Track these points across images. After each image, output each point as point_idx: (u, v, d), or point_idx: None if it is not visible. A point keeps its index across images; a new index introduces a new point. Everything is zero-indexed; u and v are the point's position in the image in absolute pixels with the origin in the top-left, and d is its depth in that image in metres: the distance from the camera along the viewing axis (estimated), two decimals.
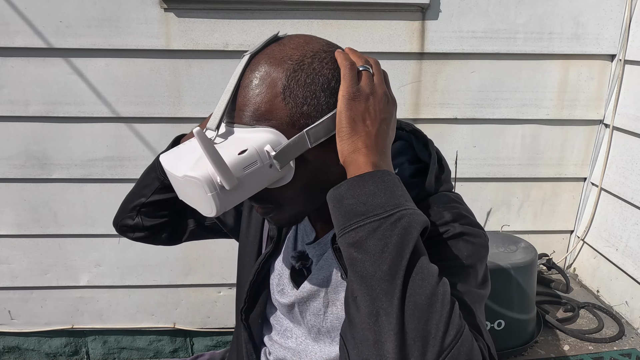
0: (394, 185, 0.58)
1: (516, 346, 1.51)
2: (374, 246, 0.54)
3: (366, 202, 0.56)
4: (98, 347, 2.06)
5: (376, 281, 0.53)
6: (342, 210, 0.57)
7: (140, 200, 0.92)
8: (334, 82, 0.65)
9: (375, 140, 0.62)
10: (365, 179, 0.58)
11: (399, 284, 0.52)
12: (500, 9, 1.65)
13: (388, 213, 0.55)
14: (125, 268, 1.91)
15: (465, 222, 0.69)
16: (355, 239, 0.55)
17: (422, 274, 0.53)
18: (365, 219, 0.55)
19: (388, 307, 0.52)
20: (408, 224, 0.55)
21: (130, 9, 1.57)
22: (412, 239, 0.54)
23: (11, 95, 1.65)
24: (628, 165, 1.71)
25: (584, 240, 1.94)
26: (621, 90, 1.74)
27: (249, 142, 0.61)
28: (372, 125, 0.62)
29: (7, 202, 1.78)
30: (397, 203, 0.57)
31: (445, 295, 0.53)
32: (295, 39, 0.67)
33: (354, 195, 0.57)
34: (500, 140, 1.83)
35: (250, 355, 0.93)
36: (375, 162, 0.60)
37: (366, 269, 0.54)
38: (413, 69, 1.71)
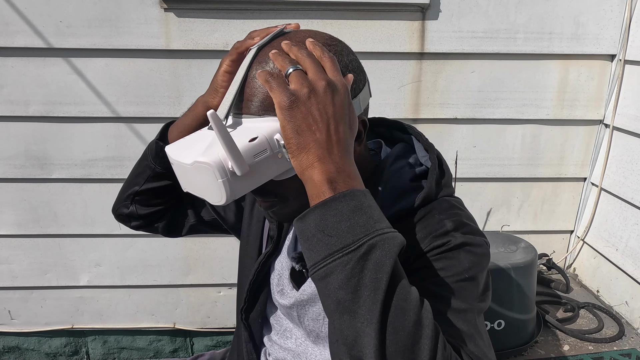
0: (358, 208, 0.53)
1: (516, 346, 1.51)
2: (346, 283, 0.50)
3: (332, 234, 0.52)
4: (98, 347, 2.06)
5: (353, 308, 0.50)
6: (309, 246, 0.54)
7: (134, 189, 0.91)
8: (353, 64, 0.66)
9: (327, 148, 0.56)
10: (327, 208, 0.53)
11: (376, 320, 0.49)
12: (500, 9, 1.65)
13: (356, 245, 0.51)
14: (125, 268, 1.91)
15: (467, 231, 0.68)
16: (325, 276, 0.52)
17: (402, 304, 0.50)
18: (333, 253, 0.51)
19: (367, 350, 0.49)
20: (381, 255, 0.51)
21: (130, 9, 1.57)
22: (386, 271, 0.50)
23: (11, 95, 1.65)
24: (628, 165, 1.71)
25: (584, 240, 1.94)
26: (621, 90, 1.74)
27: (260, 130, 0.60)
28: (320, 131, 0.56)
29: (7, 202, 1.78)
30: (365, 229, 0.52)
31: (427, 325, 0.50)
32: (299, 34, 0.67)
33: (318, 227, 0.53)
34: (500, 140, 1.83)
35: (251, 354, 0.93)
36: (332, 176, 0.55)
37: (340, 301, 0.51)
38: (413, 69, 1.71)
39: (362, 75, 0.70)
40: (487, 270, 0.69)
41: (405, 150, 0.79)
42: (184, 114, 0.84)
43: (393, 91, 1.73)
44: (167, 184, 0.90)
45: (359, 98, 0.68)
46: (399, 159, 0.77)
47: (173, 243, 1.88)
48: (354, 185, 0.56)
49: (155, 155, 0.87)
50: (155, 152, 0.87)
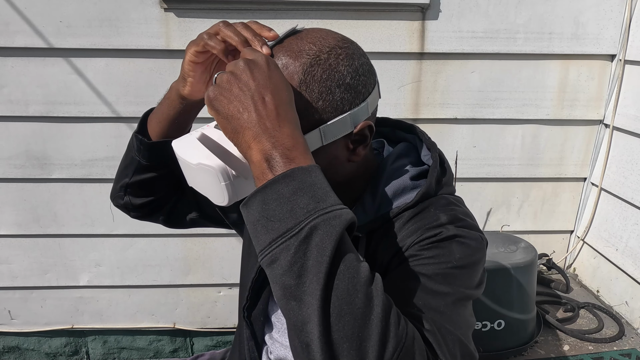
0: (299, 188, 0.51)
1: (516, 346, 1.51)
2: (290, 269, 0.49)
3: (274, 218, 0.51)
4: (98, 347, 2.06)
5: (298, 294, 0.49)
6: (254, 232, 0.53)
7: (125, 181, 0.90)
8: (349, 78, 0.65)
9: (259, 125, 0.54)
10: (267, 192, 0.52)
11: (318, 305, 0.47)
12: (500, 9, 1.65)
13: (297, 228, 0.49)
14: (125, 268, 1.91)
15: (461, 225, 0.67)
16: (272, 262, 0.50)
17: (347, 287, 0.48)
18: (277, 239, 0.50)
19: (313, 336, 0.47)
20: (322, 236, 0.49)
21: (130, 9, 1.57)
22: (328, 254, 0.48)
23: (11, 95, 1.65)
24: (628, 165, 1.71)
25: (584, 240, 1.94)
26: (621, 90, 1.74)
27: None
28: (247, 110, 0.55)
29: (7, 202, 1.78)
30: (307, 210, 0.50)
31: (377, 305, 0.48)
32: (312, 33, 0.67)
33: (261, 212, 0.52)
34: (500, 140, 1.83)
35: (252, 352, 0.92)
36: (268, 153, 0.53)
37: (286, 287, 0.49)
38: (413, 69, 1.71)
39: (372, 78, 0.70)
40: (482, 265, 0.68)
41: (407, 150, 0.79)
42: (161, 101, 0.81)
43: (393, 91, 1.72)
44: (156, 175, 0.88)
45: (367, 102, 0.68)
46: (401, 158, 0.77)
47: (173, 243, 1.88)
48: (296, 160, 0.53)
49: (138, 148, 0.84)
50: (137, 146, 0.84)
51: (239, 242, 1.93)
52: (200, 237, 1.88)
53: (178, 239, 1.88)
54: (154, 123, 0.83)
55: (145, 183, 0.89)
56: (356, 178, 0.76)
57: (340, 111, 0.65)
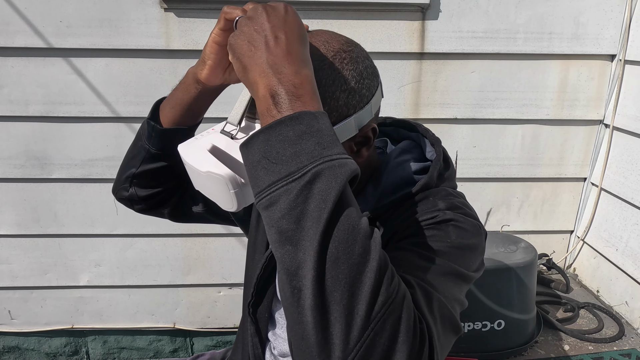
0: (306, 132, 0.50)
1: (516, 346, 1.51)
2: (289, 213, 0.48)
3: (277, 160, 0.49)
4: (98, 347, 2.06)
5: (295, 239, 0.48)
6: (254, 174, 0.51)
7: (131, 171, 0.88)
8: (354, 82, 0.65)
9: (268, 62, 0.53)
10: (271, 132, 0.50)
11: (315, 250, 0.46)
12: (500, 9, 1.65)
13: (301, 172, 0.48)
14: (125, 268, 1.91)
15: (459, 212, 0.68)
16: (269, 205, 0.49)
17: (346, 235, 0.48)
18: (277, 181, 0.49)
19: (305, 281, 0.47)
20: (326, 183, 0.48)
21: (130, 9, 1.57)
22: (331, 200, 0.47)
23: (11, 95, 1.65)
24: (628, 165, 1.71)
25: (584, 240, 1.94)
26: (621, 90, 1.74)
27: None
28: (258, 48, 0.54)
29: (7, 202, 1.78)
30: (312, 156, 0.49)
31: (373, 258, 0.48)
32: (317, 37, 0.67)
33: (262, 153, 0.50)
34: (500, 140, 1.83)
35: (256, 349, 0.93)
36: (274, 88, 0.52)
37: (283, 231, 0.48)
38: (413, 69, 1.71)
39: (375, 80, 0.71)
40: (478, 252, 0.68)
41: (411, 147, 0.80)
42: (176, 87, 0.81)
43: (393, 91, 1.72)
44: (164, 165, 0.87)
45: (370, 104, 0.69)
46: (404, 154, 0.78)
47: (173, 243, 1.88)
48: (302, 98, 0.52)
49: (149, 135, 0.83)
50: (148, 132, 0.83)
51: (239, 242, 1.94)
52: (200, 237, 1.88)
53: (178, 239, 1.88)
54: (167, 109, 0.82)
55: (154, 173, 0.88)
56: (363, 176, 0.76)
57: (344, 115, 0.66)
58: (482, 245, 0.70)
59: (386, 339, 0.47)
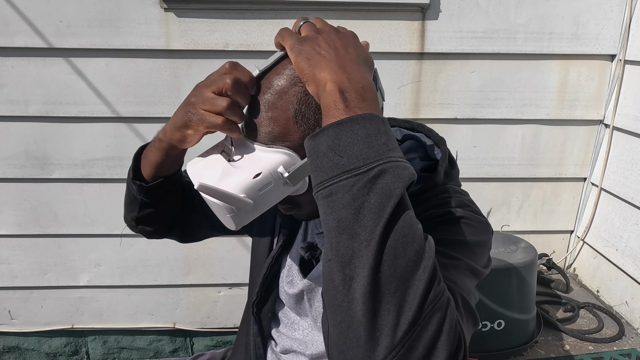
0: (376, 132, 0.52)
1: (516, 346, 1.51)
2: (350, 204, 0.49)
3: (343, 154, 0.51)
4: (98, 347, 2.06)
5: (353, 229, 0.49)
6: (318, 164, 0.52)
7: (133, 215, 0.89)
8: None
9: (338, 63, 0.56)
10: (342, 128, 0.52)
11: (375, 242, 0.48)
12: (500, 9, 1.65)
13: (367, 167, 0.50)
14: (125, 268, 1.91)
15: (469, 210, 0.70)
16: (330, 194, 0.51)
17: (406, 231, 0.49)
18: (341, 174, 0.50)
19: (360, 270, 0.48)
20: (390, 181, 0.50)
21: (130, 9, 1.57)
22: (395, 197, 0.49)
23: (11, 95, 1.65)
24: (628, 165, 1.71)
25: (584, 240, 1.94)
26: (621, 90, 1.74)
27: (264, 163, 0.62)
28: (329, 53, 0.57)
29: (7, 202, 1.78)
30: (378, 154, 0.51)
31: (428, 257, 0.50)
32: None
33: (330, 146, 0.52)
34: (500, 140, 1.83)
35: (258, 348, 0.94)
36: (343, 85, 0.54)
37: (342, 220, 0.50)
38: (413, 69, 1.71)
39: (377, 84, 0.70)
40: (487, 248, 0.70)
41: (415, 146, 0.81)
42: (150, 146, 0.78)
43: (393, 91, 1.72)
44: (160, 208, 0.88)
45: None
46: (410, 152, 0.79)
47: (173, 243, 1.87)
48: (368, 100, 0.54)
49: (138, 190, 0.83)
50: (136, 189, 0.83)
51: (239, 242, 1.94)
52: None
53: None
54: (147, 167, 0.81)
55: (154, 215, 0.90)
56: None
57: None
58: (490, 242, 0.71)
59: (431, 336, 0.48)
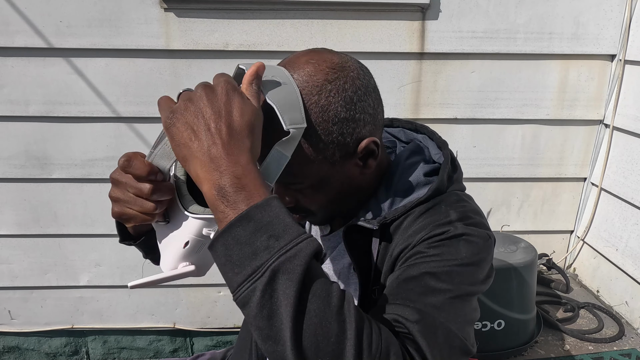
0: (257, 229, 0.51)
1: (516, 346, 1.51)
2: (260, 311, 0.50)
3: (238, 263, 0.51)
4: (98, 347, 2.06)
5: (272, 334, 0.50)
6: (224, 274, 0.53)
7: (142, 254, 0.94)
8: (344, 112, 0.64)
9: (209, 155, 0.52)
10: (227, 236, 0.51)
11: (291, 345, 0.49)
12: (500, 9, 1.65)
13: (260, 272, 0.50)
14: (125, 268, 1.91)
15: (470, 223, 0.69)
16: (244, 304, 0.51)
17: (318, 319, 0.50)
18: (243, 283, 0.50)
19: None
20: (285, 278, 0.49)
21: (130, 9, 1.57)
22: (292, 295, 0.49)
23: (11, 95, 1.65)
24: (628, 165, 1.71)
25: (584, 240, 1.94)
26: (621, 90, 1.74)
27: (190, 229, 0.63)
28: (199, 139, 0.53)
29: (7, 202, 1.78)
30: (267, 253, 0.50)
31: (350, 328, 0.50)
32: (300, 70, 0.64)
33: (226, 257, 0.52)
34: (500, 140, 1.83)
35: (259, 350, 0.95)
36: (218, 185, 0.52)
37: (260, 328, 0.51)
38: (413, 69, 1.71)
39: (369, 98, 0.67)
40: (488, 262, 0.70)
41: (418, 149, 0.81)
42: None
43: (393, 91, 1.72)
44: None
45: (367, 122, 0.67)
46: (413, 155, 0.79)
47: None
48: (246, 188, 0.52)
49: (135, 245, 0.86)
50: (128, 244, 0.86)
51: None
52: None
53: None
54: (128, 228, 0.81)
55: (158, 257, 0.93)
56: (376, 180, 0.78)
57: (342, 144, 0.66)
58: (490, 255, 0.71)
59: None
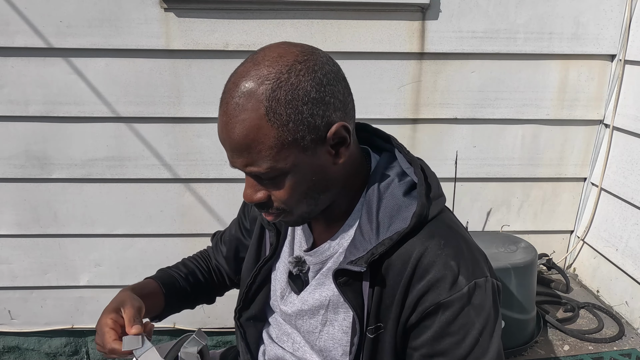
0: None
1: (516, 346, 1.51)
2: None
3: None
4: None
5: None
6: None
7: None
8: (314, 92, 0.65)
9: None
10: None
11: None
12: (500, 9, 1.65)
13: None
14: (125, 268, 1.91)
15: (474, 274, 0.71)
16: None
17: None
18: None
19: None
20: None
21: (130, 9, 1.57)
22: None
23: (11, 95, 1.65)
24: (628, 165, 1.71)
25: (584, 241, 1.94)
26: (621, 90, 1.74)
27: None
28: None
29: (7, 202, 1.78)
30: None
31: None
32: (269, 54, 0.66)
33: None
34: (500, 140, 1.83)
35: (245, 353, 0.97)
36: None
37: None
38: (413, 69, 1.71)
39: (339, 83, 0.68)
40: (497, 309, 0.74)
41: (390, 160, 0.79)
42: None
43: (393, 91, 1.72)
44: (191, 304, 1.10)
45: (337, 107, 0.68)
46: (387, 172, 0.77)
47: (173, 243, 1.88)
48: None
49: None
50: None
51: None
52: (200, 237, 1.88)
53: (178, 239, 1.88)
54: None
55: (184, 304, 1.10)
56: (352, 177, 0.76)
57: (312, 126, 0.66)
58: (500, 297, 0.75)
59: None
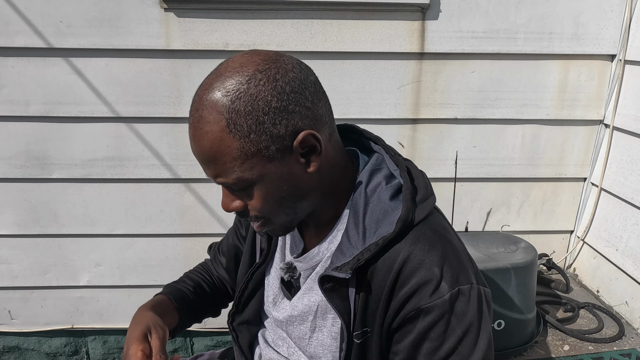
0: None
1: (516, 346, 1.51)
2: None
3: None
4: (98, 347, 2.06)
5: None
6: None
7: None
8: (275, 102, 0.63)
9: None
10: None
11: None
12: (500, 9, 1.65)
13: None
14: (125, 268, 1.91)
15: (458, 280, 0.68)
16: None
17: None
18: None
19: None
20: None
21: (130, 9, 1.57)
22: None
23: (11, 95, 1.65)
24: (628, 165, 1.71)
25: (584, 241, 1.94)
26: (621, 90, 1.74)
27: None
28: None
29: (7, 202, 1.78)
30: None
31: None
32: (231, 64, 0.65)
33: None
34: (500, 140, 1.83)
35: (239, 357, 0.98)
36: None
37: None
38: (413, 69, 1.71)
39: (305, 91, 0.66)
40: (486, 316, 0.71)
41: (377, 163, 0.78)
42: None
43: (393, 91, 1.73)
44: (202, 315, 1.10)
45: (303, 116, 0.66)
46: (374, 175, 0.76)
47: (173, 243, 1.88)
48: None
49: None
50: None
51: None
52: (200, 237, 1.88)
53: (178, 239, 1.88)
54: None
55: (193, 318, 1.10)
56: (335, 182, 0.75)
57: (276, 136, 0.64)
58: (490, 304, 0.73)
59: None
